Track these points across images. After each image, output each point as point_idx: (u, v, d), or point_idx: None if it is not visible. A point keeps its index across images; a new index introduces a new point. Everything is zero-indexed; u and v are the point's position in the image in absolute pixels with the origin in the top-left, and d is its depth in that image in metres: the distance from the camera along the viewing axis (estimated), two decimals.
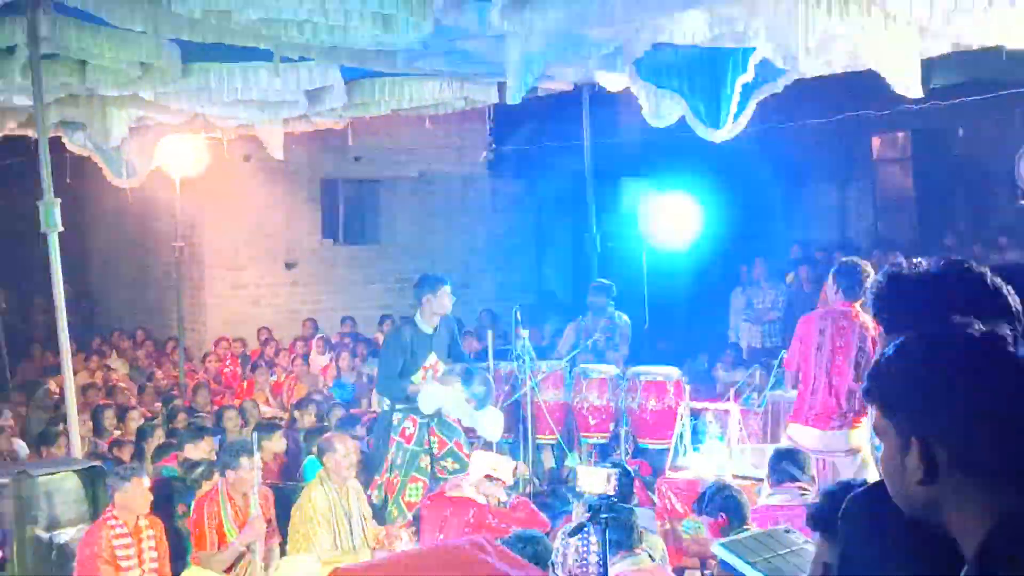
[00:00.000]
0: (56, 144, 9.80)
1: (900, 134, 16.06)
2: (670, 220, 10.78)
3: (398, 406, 8.99)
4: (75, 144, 11.98)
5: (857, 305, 7.65)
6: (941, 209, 15.89)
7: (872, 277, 7.72)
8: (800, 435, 7.70)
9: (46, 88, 8.63)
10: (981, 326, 2.01)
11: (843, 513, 2.65)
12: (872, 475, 7.45)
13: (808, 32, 7.54)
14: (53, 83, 9.05)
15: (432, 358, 8.96)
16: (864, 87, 9.94)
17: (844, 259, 8.24)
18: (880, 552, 2.41)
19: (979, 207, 15.24)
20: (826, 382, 7.68)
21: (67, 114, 10.94)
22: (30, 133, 9.58)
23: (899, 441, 1.90)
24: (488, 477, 8.18)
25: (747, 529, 5.97)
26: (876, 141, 16.39)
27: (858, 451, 7.58)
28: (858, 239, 16.08)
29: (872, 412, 2.10)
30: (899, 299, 2.71)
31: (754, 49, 8.23)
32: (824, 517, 3.47)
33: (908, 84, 8.58)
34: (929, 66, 8.91)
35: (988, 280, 2.61)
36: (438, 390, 8.80)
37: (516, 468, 8.68)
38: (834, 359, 7.66)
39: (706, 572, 6.72)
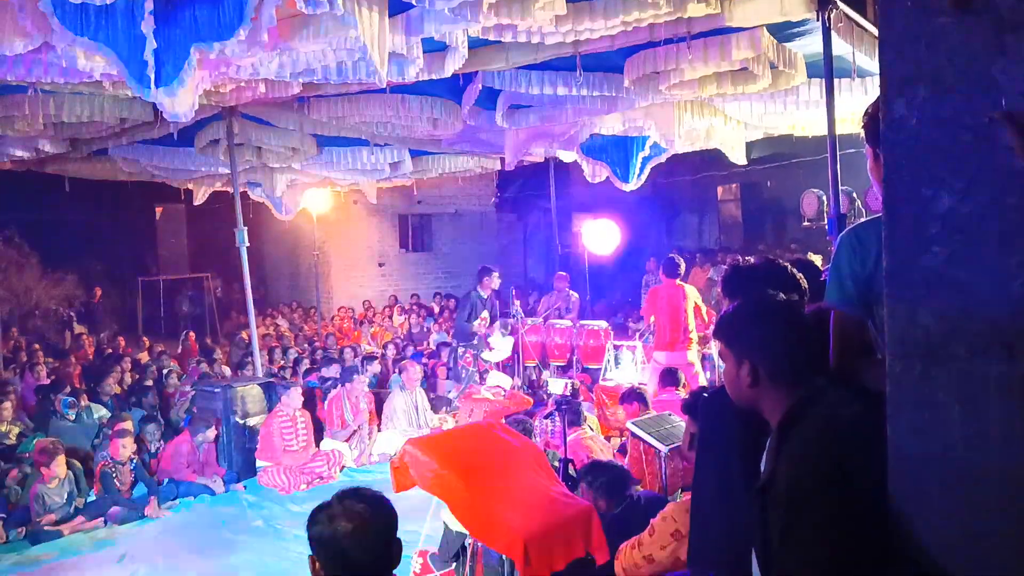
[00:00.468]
0: (243, 195, 9.77)
1: (733, 185, 16.04)
2: (602, 236, 10.77)
3: (462, 344, 9.04)
4: (255, 195, 11.96)
5: (676, 280, 7.76)
6: (757, 228, 15.87)
7: (682, 266, 7.92)
8: (659, 357, 7.82)
9: (238, 163, 8.61)
10: (783, 295, 2.05)
11: (702, 404, 2.68)
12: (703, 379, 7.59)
13: (679, 126, 7.56)
14: (241, 160, 9.02)
15: (484, 314, 8.99)
16: (712, 157, 9.95)
17: (670, 255, 8.32)
18: (723, 426, 2.45)
19: (778, 227, 15.21)
20: (669, 325, 7.76)
21: (250, 177, 10.94)
22: (228, 189, 9.56)
23: (735, 361, 1.94)
24: (496, 386, 8.21)
25: (648, 413, 6.00)
26: (720, 189, 16.37)
27: (692, 364, 7.67)
28: (710, 246, 16.08)
29: (715, 344, 2.14)
30: (735, 280, 2.74)
31: (648, 136, 8.24)
32: (690, 406, 3.50)
33: (737, 156, 8.61)
34: (750, 145, 8.93)
35: (788, 269, 2.64)
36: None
37: (512, 382, 8.71)
38: (670, 311, 7.75)
39: (623, 438, 6.75)
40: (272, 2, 4.12)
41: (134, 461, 6.77)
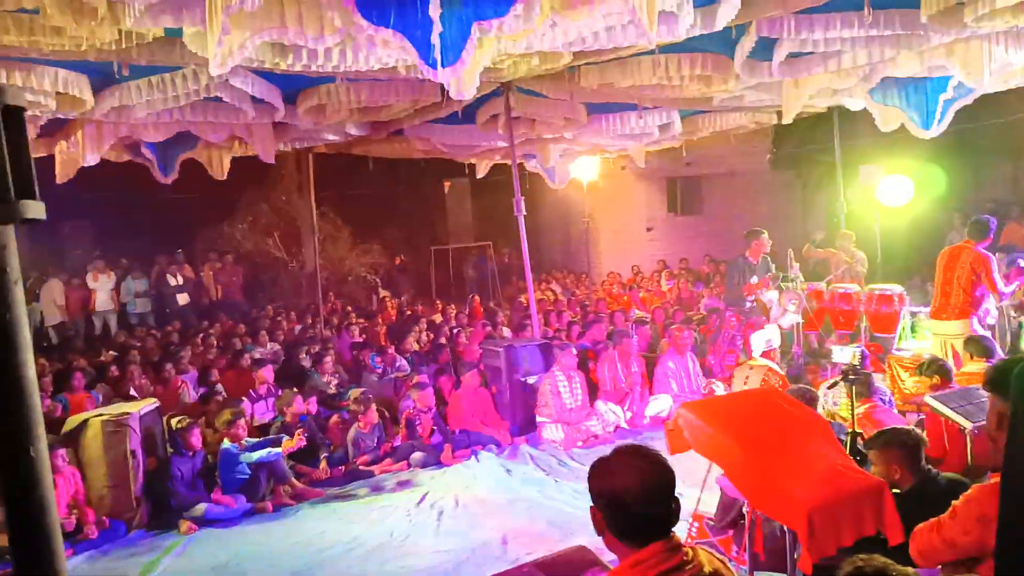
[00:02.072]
0: (519, 167, 10.20)
1: None
2: (895, 190, 9.79)
3: (731, 308, 8.80)
4: (530, 166, 12.46)
5: (973, 244, 6.81)
6: None
7: (987, 229, 6.89)
8: (933, 326, 7.01)
9: (516, 136, 8.93)
10: None
11: (1016, 376, 2.35)
12: None
13: (990, 62, 6.62)
14: (518, 133, 9.36)
15: (754, 279, 8.66)
16: None
17: (978, 216, 7.28)
18: None
19: None
20: (940, 291, 7.04)
21: (525, 150, 11.39)
22: (507, 162, 10.06)
23: None
24: (769, 349, 7.83)
25: (951, 387, 5.40)
26: None
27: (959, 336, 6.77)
28: None
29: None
30: None
31: (951, 76, 7.31)
32: (995, 381, 3.07)
33: None
34: None
35: None
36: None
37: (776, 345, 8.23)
38: (943, 276, 7.00)
39: (920, 414, 6.14)
40: None
41: (433, 411, 7.45)
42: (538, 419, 7.62)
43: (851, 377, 4.89)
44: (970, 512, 3.02)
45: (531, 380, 7.92)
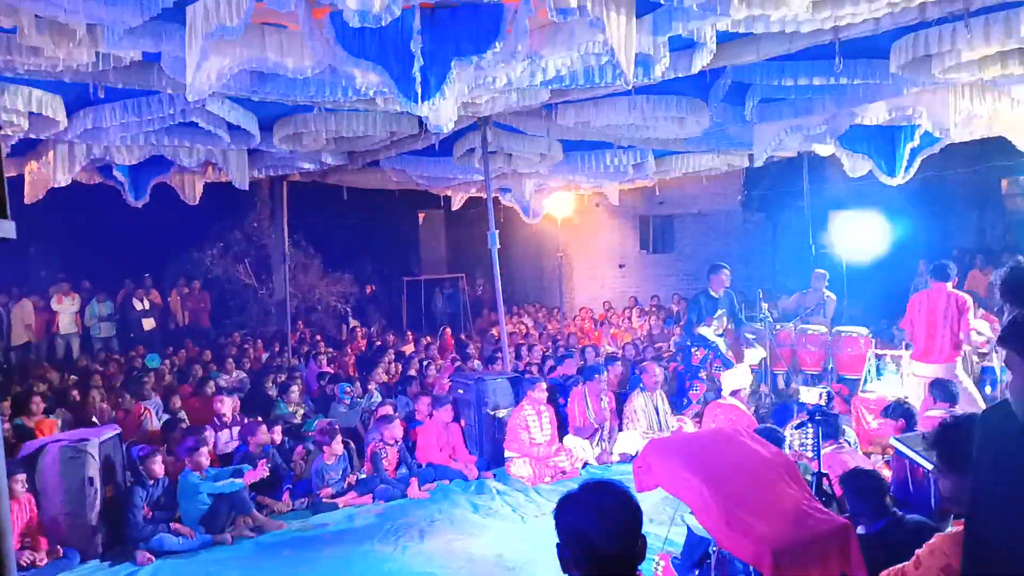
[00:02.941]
0: (495, 200, 10.25)
1: (1022, 177, 14.10)
2: (863, 236, 9.98)
3: (695, 344, 8.79)
4: (505, 200, 12.51)
5: (947, 285, 7.09)
6: None
7: (953, 270, 7.11)
8: (916, 368, 7.11)
9: (492, 170, 9.02)
10: None
11: (981, 422, 2.39)
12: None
13: (956, 112, 6.82)
14: (494, 167, 9.43)
15: (719, 313, 8.68)
16: (995, 146, 8.84)
17: (938, 261, 7.48)
18: (1008, 448, 2.17)
19: None
20: (924, 333, 7.13)
21: (501, 183, 11.46)
22: (482, 195, 10.10)
23: None
24: (739, 388, 7.88)
25: (915, 430, 5.47)
26: (1004, 181, 14.46)
27: (956, 379, 6.77)
28: (993, 246, 14.26)
29: (998, 354, 1.90)
30: (1017, 282, 2.44)
31: (918, 125, 7.52)
32: (948, 453, 2.93)
33: None
34: None
35: None
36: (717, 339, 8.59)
37: (751, 380, 8.27)
38: (928, 318, 7.09)
39: (884, 456, 6.21)
40: (525, 14, 4.30)
41: (399, 444, 7.37)
42: (506, 453, 7.57)
43: (818, 418, 4.95)
44: (935, 562, 3.02)
45: (500, 414, 7.87)
